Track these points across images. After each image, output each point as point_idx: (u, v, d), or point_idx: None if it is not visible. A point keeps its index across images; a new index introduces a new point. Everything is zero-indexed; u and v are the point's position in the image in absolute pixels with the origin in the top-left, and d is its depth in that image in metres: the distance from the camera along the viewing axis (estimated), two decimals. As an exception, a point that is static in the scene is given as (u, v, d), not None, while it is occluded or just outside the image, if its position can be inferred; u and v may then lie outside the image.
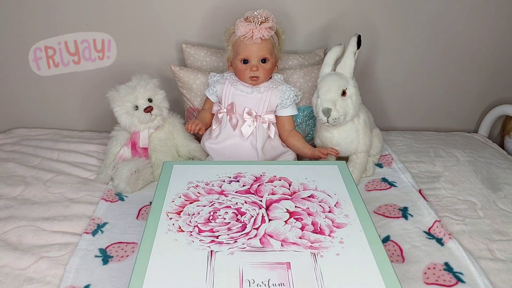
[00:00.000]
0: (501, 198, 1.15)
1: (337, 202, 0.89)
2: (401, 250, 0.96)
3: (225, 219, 0.83)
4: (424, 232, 1.01)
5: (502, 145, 1.61)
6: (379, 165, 1.31)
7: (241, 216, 0.84)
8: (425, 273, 0.89)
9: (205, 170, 0.99)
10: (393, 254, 0.95)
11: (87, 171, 1.26)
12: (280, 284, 0.68)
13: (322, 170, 1.01)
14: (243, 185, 0.94)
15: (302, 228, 0.81)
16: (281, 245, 0.76)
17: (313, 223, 0.82)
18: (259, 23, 1.15)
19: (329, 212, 0.86)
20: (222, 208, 0.86)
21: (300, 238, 0.78)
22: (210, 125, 1.28)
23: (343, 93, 1.11)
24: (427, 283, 0.86)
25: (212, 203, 0.87)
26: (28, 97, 1.52)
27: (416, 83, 1.55)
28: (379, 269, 0.72)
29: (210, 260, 0.73)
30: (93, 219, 1.04)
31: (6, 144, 1.42)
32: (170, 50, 1.45)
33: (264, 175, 0.98)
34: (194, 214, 0.84)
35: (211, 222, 0.82)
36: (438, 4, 1.41)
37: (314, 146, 1.25)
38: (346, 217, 0.84)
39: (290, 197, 0.90)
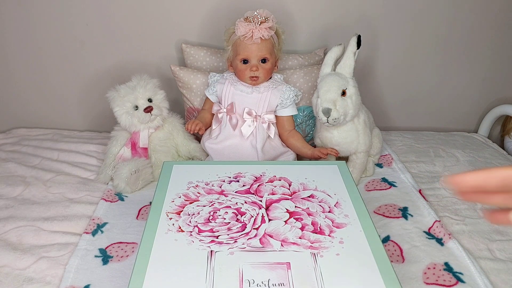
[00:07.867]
0: (501, 198, 1.15)
1: (337, 202, 0.89)
2: (401, 250, 0.96)
3: (225, 219, 0.83)
4: (424, 232, 1.01)
5: (502, 145, 1.60)
6: (379, 165, 1.31)
7: (241, 216, 0.83)
8: (425, 273, 0.89)
9: (205, 170, 0.99)
10: (393, 254, 0.95)
11: (87, 171, 1.26)
12: (280, 284, 0.68)
13: (322, 170, 1.01)
14: (243, 185, 0.93)
15: (302, 228, 0.81)
16: (281, 245, 0.76)
17: (313, 223, 0.82)
18: (259, 23, 1.14)
19: (329, 212, 0.86)
20: (222, 208, 0.86)
21: (300, 238, 0.78)
22: (210, 125, 1.27)
23: (343, 93, 1.10)
24: (427, 283, 0.86)
25: (212, 203, 0.87)
26: (28, 97, 1.52)
27: (416, 83, 1.55)
28: (379, 269, 0.72)
29: (210, 260, 0.73)
30: (93, 219, 1.04)
31: (6, 144, 1.42)
32: (170, 50, 1.45)
33: (264, 175, 0.97)
34: (194, 214, 0.84)
35: (211, 222, 0.82)
36: (438, 4, 1.41)
37: (314, 146, 1.25)
38: (346, 217, 0.84)
39: (290, 197, 0.90)
